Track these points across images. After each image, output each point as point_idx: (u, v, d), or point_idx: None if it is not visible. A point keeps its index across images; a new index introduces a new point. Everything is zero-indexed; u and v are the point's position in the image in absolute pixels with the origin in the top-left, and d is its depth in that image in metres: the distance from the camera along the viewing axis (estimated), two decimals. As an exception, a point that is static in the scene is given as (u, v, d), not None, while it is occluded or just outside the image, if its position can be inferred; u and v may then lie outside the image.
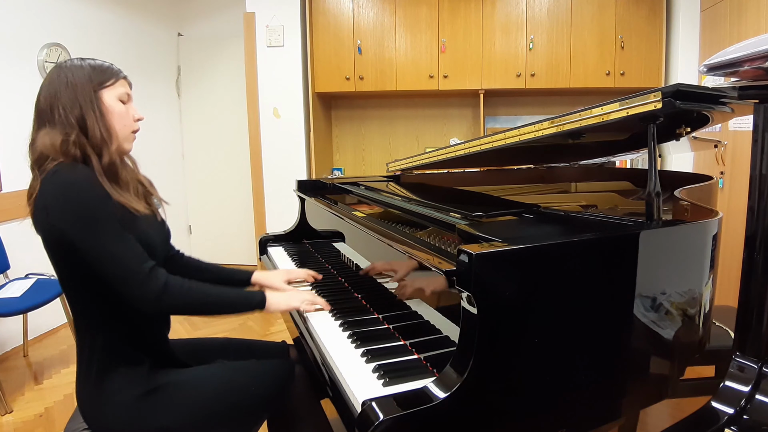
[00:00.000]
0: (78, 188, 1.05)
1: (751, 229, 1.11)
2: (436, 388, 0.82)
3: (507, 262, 0.84)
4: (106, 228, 1.06)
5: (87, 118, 1.14)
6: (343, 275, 1.59)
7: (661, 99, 0.96)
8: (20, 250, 2.92)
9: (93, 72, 1.18)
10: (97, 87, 1.17)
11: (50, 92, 1.14)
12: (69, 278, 1.13)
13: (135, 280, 1.06)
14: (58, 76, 1.15)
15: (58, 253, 1.10)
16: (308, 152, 3.81)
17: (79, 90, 1.14)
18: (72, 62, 1.19)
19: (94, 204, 1.06)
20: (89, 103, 1.14)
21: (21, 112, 3.00)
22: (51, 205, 1.05)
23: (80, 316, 1.15)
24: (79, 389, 1.16)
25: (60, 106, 1.12)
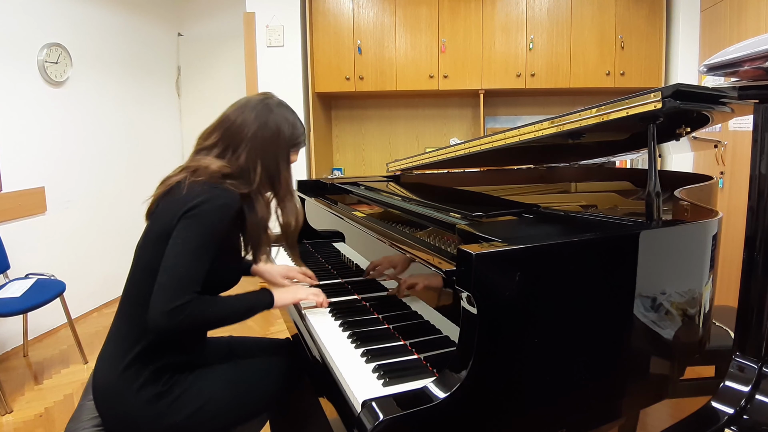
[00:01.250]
0: (218, 204, 1.11)
1: (751, 229, 1.11)
2: (436, 388, 0.82)
3: (507, 262, 0.84)
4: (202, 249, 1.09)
5: (281, 174, 1.21)
6: (343, 275, 1.59)
7: (661, 99, 0.96)
8: (20, 250, 2.93)
9: (296, 130, 1.24)
10: (292, 147, 1.23)
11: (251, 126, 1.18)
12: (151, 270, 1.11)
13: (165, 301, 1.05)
14: (268, 116, 1.20)
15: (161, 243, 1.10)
16: (308, 152, 3.81)
17: (281, 142, 1.20)
18: (282, 108, 1.24)
19: (215, 225, 1.10)
20: (285, 161, 1.21)
21: (21, 112, 3.00)
22: (195, 204, 1.09)
23: (137, 308, 1.13)
24: (99, 373, 1.16)
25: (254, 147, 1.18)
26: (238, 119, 1.19)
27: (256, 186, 1.19)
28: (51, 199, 3.18)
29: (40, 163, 3.13)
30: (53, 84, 3.20)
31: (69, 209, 3.31)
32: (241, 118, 1.19)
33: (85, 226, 3.41)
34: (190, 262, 1.08)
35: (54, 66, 3.19)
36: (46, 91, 3.17)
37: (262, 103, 1.22)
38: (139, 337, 1.14)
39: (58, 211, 3.23)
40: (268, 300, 1.25)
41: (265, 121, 1.19)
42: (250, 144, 1.18)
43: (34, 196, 3.08)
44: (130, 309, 1.17)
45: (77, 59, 3.36)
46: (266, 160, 1.18)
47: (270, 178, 1.20)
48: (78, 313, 3.34)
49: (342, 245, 1.75)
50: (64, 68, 3.27)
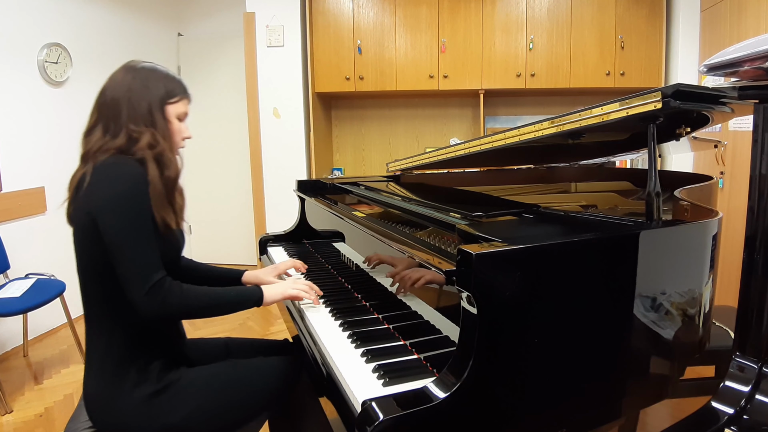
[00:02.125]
0: (129, 181, 1.08)
1: (751, 229, 1.11)
2: (436, 388, 0.82)
3: (507, 262, 0.84)
4: (141, 229, 1.07)
5: (158, 123, 1.16)
6: (343, 275, 1.59)
7: (660, 99, 0.96)
8: (20, 250, 2.93)
9: (166, 82, 1.20)
10: (165, 99, 1.19)
11: (119, 90, 1.15)
12: (96, 270, 1.12)
13: (142, 287, 1.06)
14: (132, 76, 1.16)
15: (90, 242, 1.10)
16: (308, 152, 3.81)
17: (152, 95, 1.16)
18: (145, 65, 1.20)
19: (137, 201, 1.08)
20: (159, 111, 1.17)
21: (21, 112, 3.00)
22: (96, 190, 1.07)
23: (99, 311, 1.14)
24: (88, 385, 1.16)
25: (129, 106, 1.14)
26: (108, 92, 1.17)
27: (142, 146, 1.14)
28: (51, 199, 3.18)
29: (40, 163, 3.13)
30: (53, 84, 3.20)
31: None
32: (110, 90, 1.17)
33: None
34: (137, 246, 1.06)
35: (54, 66, 3.19)
36: (46, 91, 3.17)
37: (125, 68, 1.19)
38: (110, 339, 1.13)
39: (58, 211, 3.22)
40: (257, 296, 1.25)
41: (130, 83, 1.16)
42: (124, 109, 1.15)
43: (34, 196, 3.08)
44: (91, 314, 1.16)
45: (77, 59, 3.36)
46: (142, 119, 1.15)
47: (151, 134, 1.15)
48: (78, 313, 3.33)
49: (342, 245, 1.75)
50: (64, 68, 3.27)
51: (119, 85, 1.16)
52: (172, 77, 1.23)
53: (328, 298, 1.39)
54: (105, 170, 1.09)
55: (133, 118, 1.14)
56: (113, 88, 1.16)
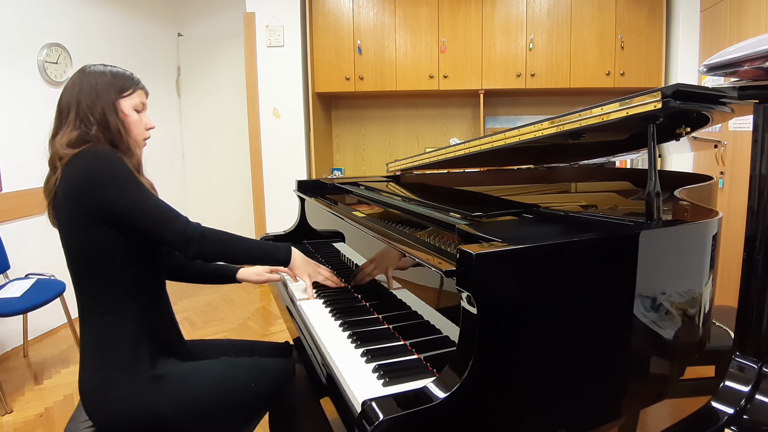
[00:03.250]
0: (108, 159, 1.13)
1: (751, 229, 1.11)
2: (436, 388, 0.82)
3: (507, 262, 0.84)
4: (141, 188, 1.15)
5: (109, 119, 1.20)
6: (343, 275, 1.59)
7: (660, 99, 0.95)
8: (20, 250, 2.93)
9: (114, 79, 1.24)
10: (117, 95, 1.23)
11: (72, 94, 1.20)
12: (89, 258, 1.15)
13: (179, 223, 1.16)
14: (80, 80, 1.21)
15: (77, 228, 1.14)
16: (308, 152, 3.81)
17: (101, 95, 1.21)
18: (95, 68, 1.24)
19: (125, 170, 1.14)
20: (111, 108, 1.21)
21: (21, 112, 3.00)
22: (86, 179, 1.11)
23: (89, 299, 1.17)
24: (82, 376, 1.17)
25: (80, 107, 1.19)
26: (63, 98, 1.22)
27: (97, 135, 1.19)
28: (51, 199, 3.18)
29: (40, 163, 3.11)
30: (53, 84, 3.20)
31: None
32: (65, 95, 1.22)
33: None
34: (148, 199, 1.15)
35: (54, 66, 3.19)
36: (46, 91, 3.17)
37: (77, 72, 1.24)
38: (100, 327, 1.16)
39: (58, 211, 3.23)
40: (286, 256, 1.36)
41: (80, 84, 1.21)
42: (75, 107, 1.19)
43: (34, 196, 3.08)
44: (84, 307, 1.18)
45: (77, 59, 3.36)
46: (94, 113, 1.19)
47: (102, 126, 1.20)
48: (78, 313, 3.34)
49: (342, 245, 1.75)
50: (64, 68, 3.27)
51: (70, 90, 1.21)
52: (121, 74, 1.26)
53: (328, 298, 1.39)
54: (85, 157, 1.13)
55: (86, 119, 1.19)
56: (67, 94, 1.21)
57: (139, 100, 1.28)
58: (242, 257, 1.30)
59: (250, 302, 3.72)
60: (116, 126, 1.21)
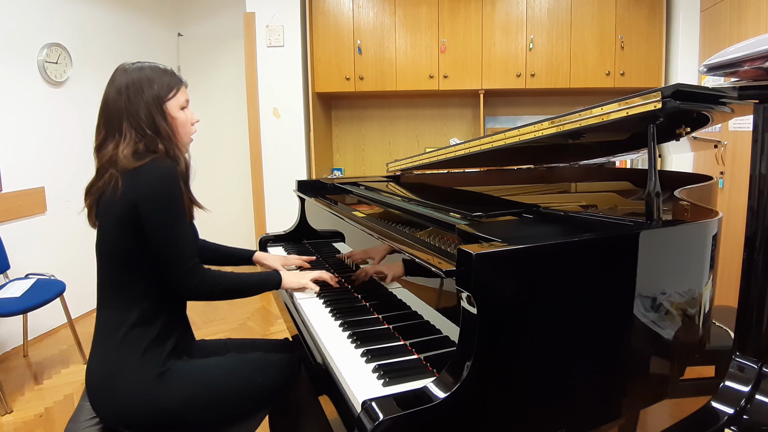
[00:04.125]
0: (168, 178, 1.17)
1: (751, 229, 1.11)
2: (436, 388, 0.82)
3: (507, 262, 0.84)
4: (180, 218, 1.19)
5: (159, 126, 1.22)
6: (343, 275, 1.59)
7: (660, 99, 0.95)
8: (20, 250, 2.93)
9: (159, 80, 1.24)
10: (164, 97, 1.24)
11: (119, 101, 1.20)
12: (126, 253, 1.18)
13: (185, 266, 1.18)
14: (125, 83, 1.21)
15: (129, 230, 1.16)
16: (308, 152, 3.81)
17: (149, 100, 1.21)
18: (136, 67, 1.24)
19: (176, 194, 1.17)
20: (159, 114, 1.22)
21: (21, 112, 3.00)
22: (142, 189, 1.14)
23: (117, 291, 1.20)
24: (92, 367, 1.19)
25: (131, 117, 1.20)
26: (109, 101, 1.22)
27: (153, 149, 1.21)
28: (51, 199, 3.18)
29: (40, 163, 3.13)
30: (53, 84, 3.20)
31: (69, 209, 3.30)
32: (111, 99, 1.22)
33: (85, 226, 3.40)
34: (177, 233, 1.18)
35: (54, 66, 3.19)
36: (46, 91, 3.17)
37: (117, 73, 1.24)
38: (124, 320, 1.18)
39: (58, 211, 3.23)
40: (277, 279, 1.39)
41: (126, 86, 1.20)
42: (126, 114, 1.20)
43: (34, 196, 3.08)
44: (110, 298, 1.21)
45: (77, 59, 3.36)
46: (147, 122, 1.20)
47: (156, 133, 1.22)
48: (78, 313, 3.34)
49: (342, 245, 1.75)
50: (64, 68, 3.27)
51: (116, 97, 1.21)
52: (162, 71, 1.26)
53: (328, 298, 1.40)
54: (148, 171, 1.16)
55: (137, 126, 1.20)
56: (112, 100, 1.21)
57: (184, 97, 1.29)
58: (237, 295, 1.32)
59: (250, 302, 3.72)
60: (167, 132, 1.23)
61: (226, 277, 1.27)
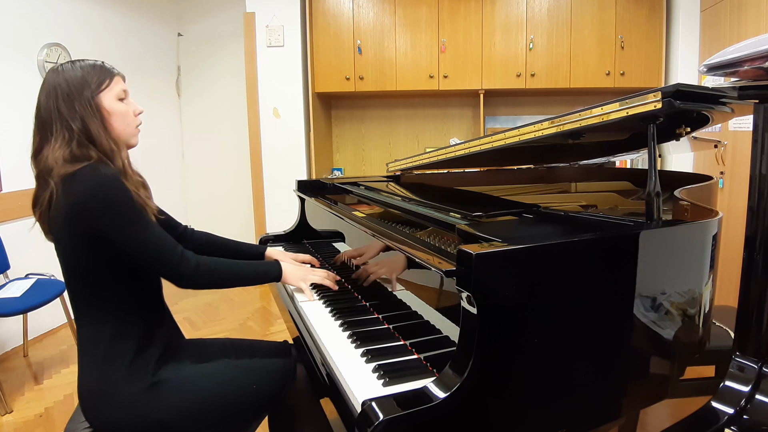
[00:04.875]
0: (111, 183, 1.10)
1: (751, 229, 1.11)
2: (436, 388, 0.82)
3: (507, 262, 0.84)
4: (140, 219, 1.13)
5: (90, 127, 1.15)
6: (343, 275, 1.59)
7: (660, 99, 0.95)
8: (20, 250, 2.92)
9: (88, 76, 1.17)
10: (95, 92, 1.17)
11: (49, 102, 1.15)
12: (87, 267, 1.14)
13: (172, 260, 1.15)
14: (53, 84, 1.15)
15: (83, 243, 1.11)
16: (308, 152, 3.81)
17: (76, 98, 1.15)
18: (65, 68, 1.18)
19: (126, 199, 1.11)
20: (89, 112, 1.15)
21: (21, 112, 3.00)
22: (86, 200, 1.08)
23: (88, 307, 1.16)
24: (81, 381, 1.16)
25: (62, 117, 1.14)
26: (40, 104, 1.16)
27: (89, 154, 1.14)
28: (51, 199, 3.18)
29: (40, 163, 3.12)
30: (53, 84, 3.20)
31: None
32: (41, 102, 1.16)
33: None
34: (145, 232, 1.12)
35: (54, 66, 3.19)
36: (46, 91, 3.16)
37: (48, 75, 1.18)
38: (101, 335, 1.14)
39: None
40: (277, 272, 1.36)
41: (54, 87, 1.15)
42: (55, 115, 1.14)
43: (34, 196, 3.08)
44: (82, 314, 1.17)
45: (77, 59, 3.36)
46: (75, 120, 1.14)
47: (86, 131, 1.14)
48: (78, 313, 3.34)
49: (342, 245, 1.75)
50: (64, 68, 3.27)
51: (47, 98, 1.15)
52: (91, 66, 1.20)
53: (328, 298, 1.39)
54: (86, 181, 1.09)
55: (68, 126, 1.13)
56: (43, 102, 1.15)
57: (120, 87, 1.22)
58: (236, 283, 1.29)
59: (250, 302, 3.72)
60: (97, 130, 1.15)
61: (223, 264, 1.25)
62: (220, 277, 1.25)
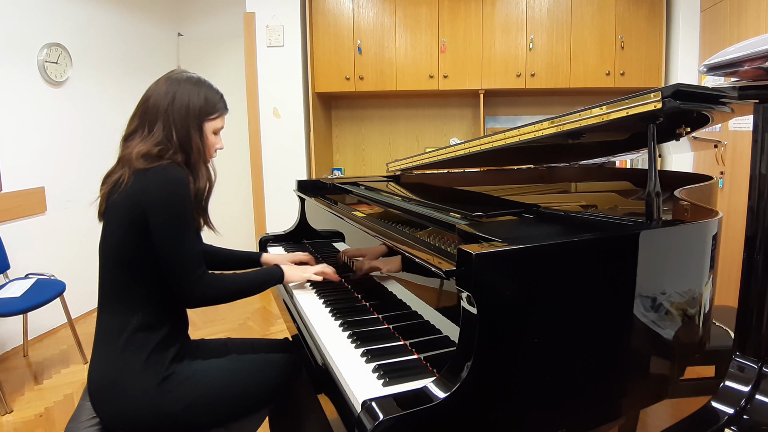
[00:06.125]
0: (178, 186, 1.17)
1: (751, 229, 1.11)
2: (436, 388, 0.82)
3: (507, 262, 0.84)
4: (188, 228, 1.18)
5: (193, 140, 1.24)
6: (343, 275, 1.59)
7: (660, 99, 0.95)
8: (20, 250, 2.93)
9: (206, 99, 1.26)
10: (206, 117, 1.26)
11: (163, 101, 1.22)
12: (130, 256, 1.18)
13: (190, 278, 1.18)
14: (175, 89, 1.23)
15: (134, 233, 1.16)
16: (308, 152, 3.81)
17: (191, 114, 1.23)
18: (195, 80, 1.26)
19: (186, 204, 1.18)
20: (197, 130, 1.24)
21: (21, 112, 3.00)
22: (151, 193, 1.14)
23: (118, 296, 1.20)
24: (94, 371, 1.18)
25: (168, 120, 1.21)
26: (152, 99, 1.23)
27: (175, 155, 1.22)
28: (51, 199, 3.18)
29: (40, 163, 3.13)
30: (53, 84, 3.20)
31: (69, 209, 3.31)
32: (153, 97, 1.23)
33: (85, 226, 3.41)
34: (186, 244, 1.17)
35: (54, 66, 3.19)
36: (46, 91, 3.17)
37: (170, 78, 1.26)
38: (126, 325, 1.17)
39: (58, 211, 3.23)
40: (279, 275, 1.39)
41: (173, 94, 1.22)
42: (163, 118, 1.22)
43: (34, 196, 3.08)
44: (112, 302, 1.21)
45: (77, 59, 3.36)
46: (179, 131, 1.22)
47: (182, 146, 1.23)
48: (78, 313, 3.34)
49: (342, 245, 1.75)
50: (64, 68, 3.27)
51: (163, 96, 1.22)
52: (215, 92, 1.29)
53: (327, 298, 1.40)
54: (160, 174, 1.16)
55: (170, 133, 1.21)
56: (157, 97, 1.22)
57: (221, 124, 1.31)
58: (242, 295, 1.32)
59: (250, 302, 3.72)
60: (198, 147, 1.24)
61: (229, 279, 1.28)
62: (228, 293, 1.27)
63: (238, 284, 1.30)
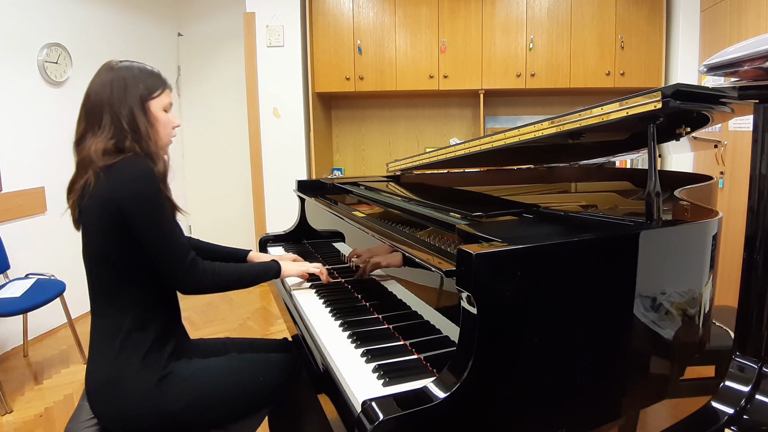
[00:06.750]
0: (147, 178, 1.14)
1: (751, 229, 1.11)
2: (436, 388, 0.82)
3: (507, 262, 0.84)
4: (166, 219, 1.17)
5: (139, 125, 1.20)
6: (343, 275, 1.59)
7: (660, 99, 0.95)
8: (20, 250, 2.93)
9: (145, 80, 1.23)
10: (147, 96, 1.22)
11: (103, 94, 1.19)
12: (114, 258, 1.16)
13: (183, 264, 1.17)
14: (110, 78, 1.19)
15: (113, 234, 1.15)
16: (308, 152, 3.81)
17: (131, 96, 1.19)
18: (124, 65, 1.23)
19: (158, 194, 1.15)
20: (140, 111, 1.21)
21: (21, 112, 3.00)
22: (122, 190, 1.12)
23: (109, 298, 1.18)
24: (91, 373, 1.18)
25: (113, 110, 1.18)
26: (92, 95, 1.20)
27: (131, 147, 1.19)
28: (51, 199, 3.18)
29: (40, 163, 3.13)
30: (53, 84, 3.20)
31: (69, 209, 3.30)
32: (94, 91, 1.20)
33: (85, 226, 3.41)
34: (171, 233, 1.16)
35: (54, 66, 3.19)
36: (46, 91, 3.17)
37: (103, 68, 1.22)
38: (120, 327, 1.16)
39: (58, 211, 3.22)
40: (276, 268, 1.39)
41: (110, 82, 1.19)
42: (107, 109, 1.18)
43: (34, 196, 3.08)
44: (103, 305, 1.20)
45: (77, 59, 3.36)
46: (126, 116, 1.18)
47: (134, 131, 1.19)
48: (78, 313, 3.34)
49: (342, 245, 1.75)
50: (64, 68, 3.27)
51: (101, 88, 1.19)
52: (149, 72, 1.25)
53: (327, 298, 1.40)
54: (124, 170, 1.14)
55: (119, 121, 1.18)
56: (96, 91, 1.19)
57: (168, 99, 1.28)
58: (238, 285, 1.32)
59: (250, 302, 3.72)
60: (146, 130, 1.21)
61: (226, 268, 1.27)
62: (224, 280, 1.26)
63: (235, 274, 1.29)
